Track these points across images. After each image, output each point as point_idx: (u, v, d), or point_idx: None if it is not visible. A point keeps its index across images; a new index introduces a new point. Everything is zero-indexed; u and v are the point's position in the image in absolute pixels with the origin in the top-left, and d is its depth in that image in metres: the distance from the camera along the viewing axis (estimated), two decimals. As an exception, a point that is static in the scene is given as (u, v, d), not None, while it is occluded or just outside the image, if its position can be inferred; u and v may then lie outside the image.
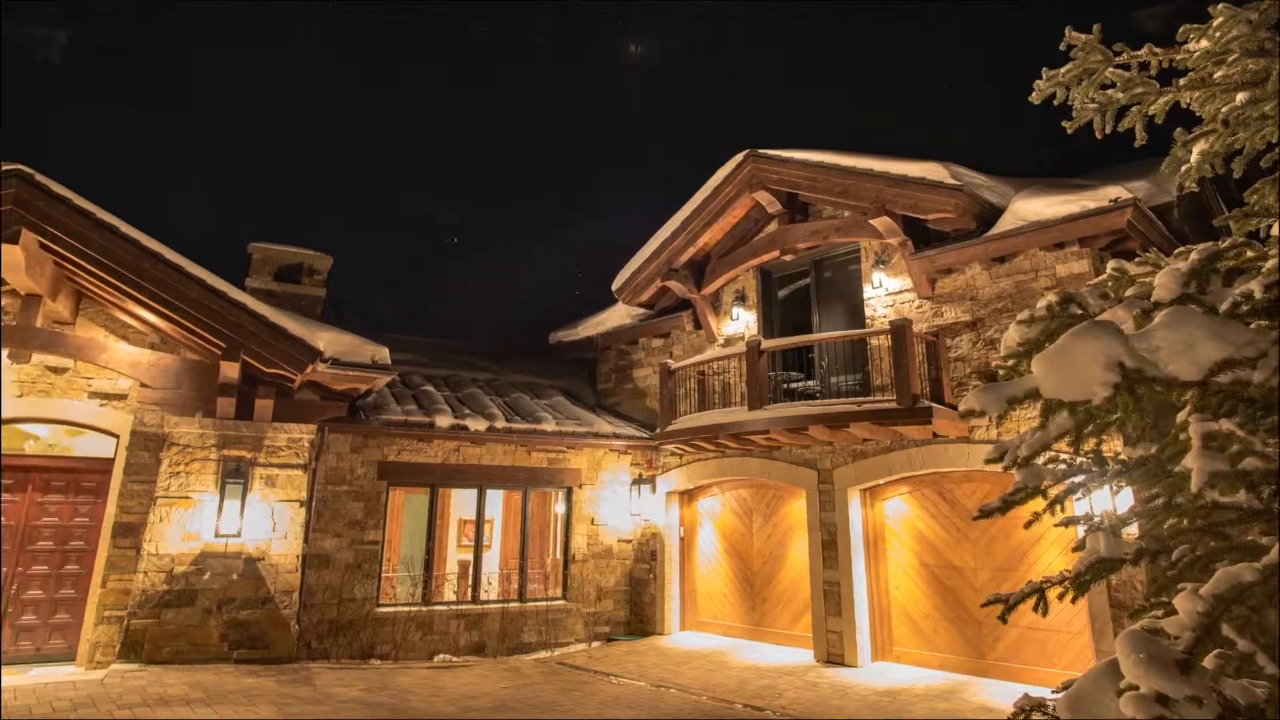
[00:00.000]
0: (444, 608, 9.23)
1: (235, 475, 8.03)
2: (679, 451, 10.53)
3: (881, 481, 8.66)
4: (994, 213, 8.38)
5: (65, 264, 7.83)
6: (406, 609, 9.00)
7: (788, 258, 10.30)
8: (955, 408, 7.96)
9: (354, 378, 8.77)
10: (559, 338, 12.89)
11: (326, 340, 8.72)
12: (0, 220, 7.15)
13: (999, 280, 8.21)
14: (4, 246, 7.12)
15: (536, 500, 10.47)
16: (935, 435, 8.08)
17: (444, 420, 9.44)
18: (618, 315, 12.29)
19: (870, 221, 8.92)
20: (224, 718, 5.82)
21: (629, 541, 10.71)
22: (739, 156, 10.28)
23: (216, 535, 7.80)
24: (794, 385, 9.78)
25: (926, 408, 7.70)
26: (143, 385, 8.30)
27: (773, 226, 10.51)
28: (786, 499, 9.69)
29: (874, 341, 8.88)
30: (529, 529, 10.09)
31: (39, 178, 7.38)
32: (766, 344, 9.26)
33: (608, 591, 10.32)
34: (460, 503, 11.16)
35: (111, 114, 35.06)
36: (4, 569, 7.75)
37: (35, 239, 7.37)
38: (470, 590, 9.58)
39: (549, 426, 10.10)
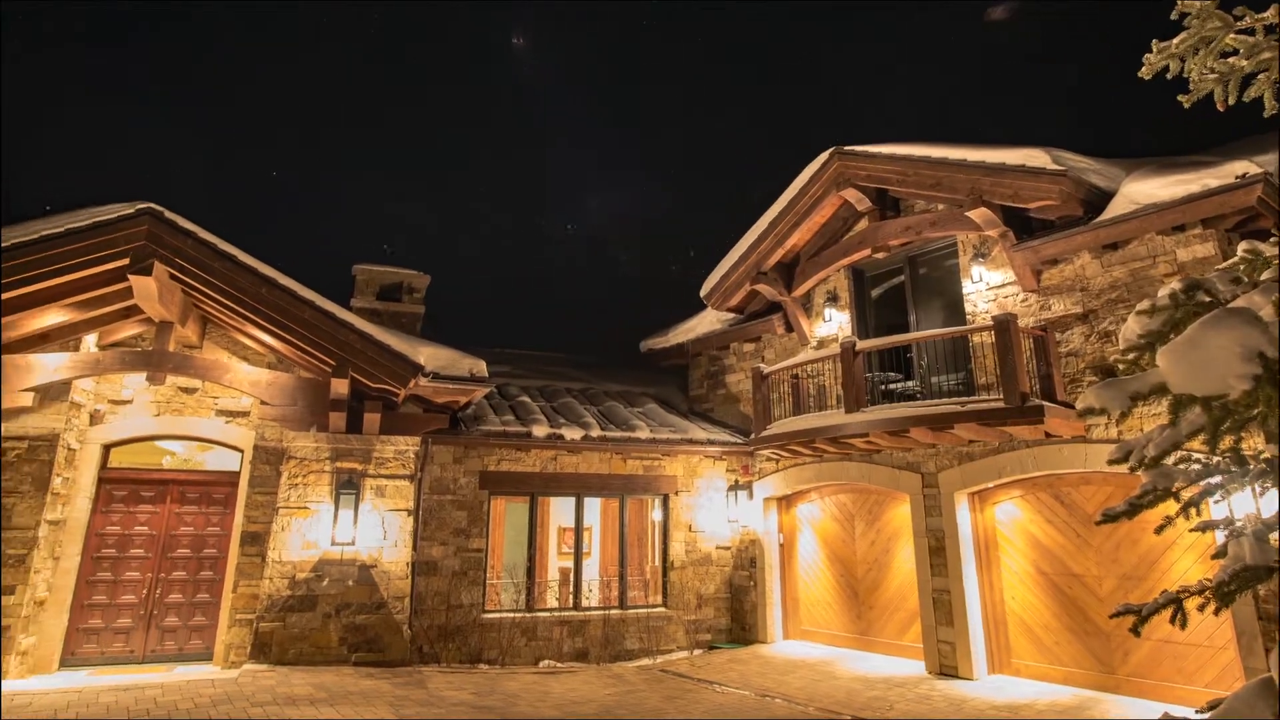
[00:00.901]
0: (547, 614, 9.44)
1: (348, 486, 8.48)
2: (775, 457, 10.38)
3: (990, 485, 8.25)
4: (1102, 197, 7.86)
5: (192, 292, 8.46)
6: (511, 615, 9.26)
7: (880, 255, 10.00)
8: (1069, 406, 7.51)
9: (453, 390, 9.09)
10: (649, 345, 12.97)
11: (426, 355, 9.08)
12: (135, 254, 7.82)
13: (1112, 269, 7.68)
14: (140, 279, 7.77)
15: (633, 507, 10.56)
16: (1048, 435, 7.63)
17: (540, 430, 9.67)
18: (707, 321, 12.26)
19: (966, 214, 8.53)
20: (346, 717, 6.13)
21: (727, 548, 10.62)
22: (824, 155, 10.07)
23: (333, 543, 8.25)
24: (893, 386, 9.46)
25: (1037, 406, 7.28)
26: (262, 403, 8.87)
27: (863, 224, 10.23)
28: (889, 504, 9.38)
29: (976, 338, 8.48)
30: (627, 536, 10.18)
31: (168, 214, 7.97)
32: (862, 345, 8.99)
33: (708, 599, 10.26)
34: (559, 511, 11.39)
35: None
36: (149, 575, 8.49)
37: (166, 270, 7.95)
38: (571, 597, 9.76)
39: (643, 434, 10.17)
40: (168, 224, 7.94)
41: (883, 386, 9.54)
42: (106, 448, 8.80)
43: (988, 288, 8.76)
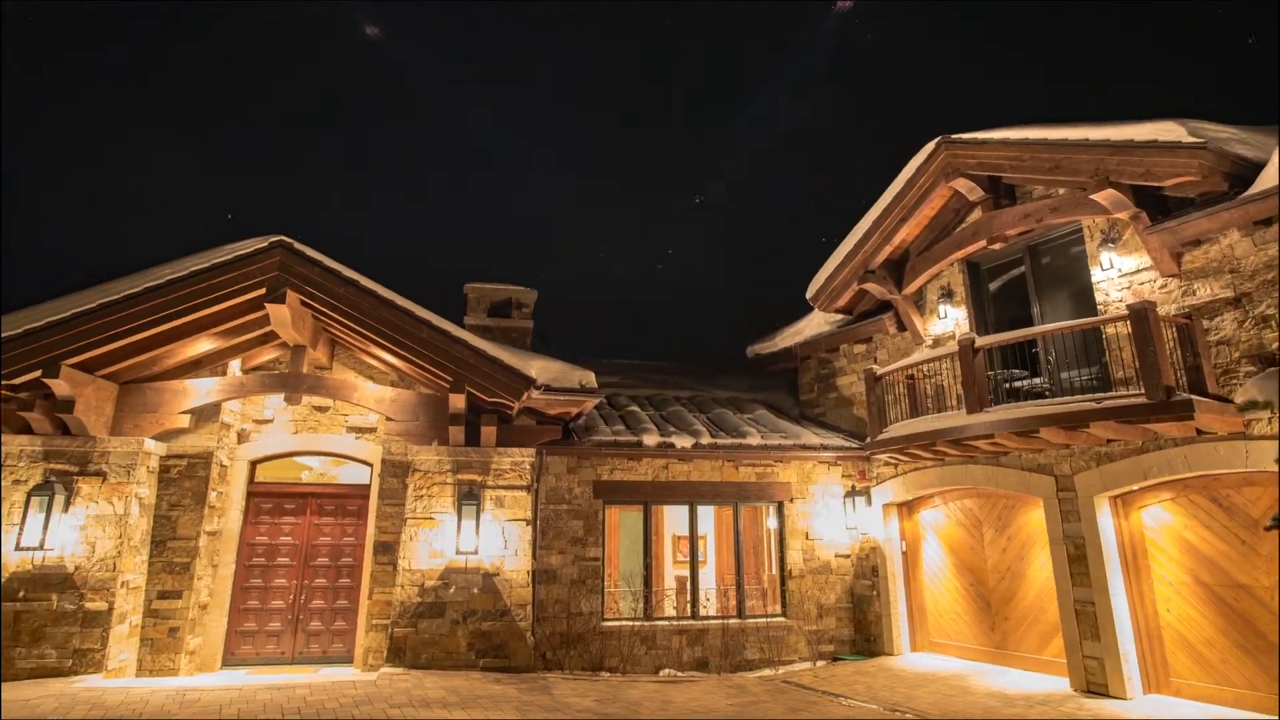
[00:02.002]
0: (665, 623, 9.45)
1: (469, 497, 8.79)
2: (893, 461, 10.03)
3: (1135, 487, 7.64)
4: (1250, 169, 7.15)
5: (321, 317, 8.99)
6: (630, 624, 9.33)
7: (996, 246, 9.50)
8: (1224, 400, 6.88)
9: (564, 402, 9.28)
10: (756, 350, 12.83)
11: (537, 368, 9.31)
12: (270, 284, 8.39)
13: (1267, 246, 6.98)
14: (275, 306, 8.34)
15: (747, 515, 10.44)
16: (1200, 432, 7.01)
17: (651, 439, 9.73)
18: (814, 323, 12.01)
19: (1092, 197, 7.99)
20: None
21: (846, 556, 10.32)
22: (930, 145, 9.69)
23: (457, 552, 8.57)
24: (1018, 384, 8.94)
25: (1184, 401, 6.69)
26: (387, 419, 9.33)
27: (976, 215, 9.76)
28: (1020, 508, 8.86)
29: (1110, 330, 7.91)
30: (742, 544, 10.07)
31: (297, 245, 8.52)
32: (981, 341, 8.56)
33: (829, 609, 10.00)
34: (673, 519, 11.40)
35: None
36: (294, 582, 9.10)
37: (297, 297, 8.47)
38: (689, 606, 9.73)
39: (754, 440, 10.06)
40: (297, 254, 8.48)
41: (1007, 385, 9.04)
42: (253, 464, 9.51)
43: (1120, 275, 8.17)
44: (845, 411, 11.42)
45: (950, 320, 10.03)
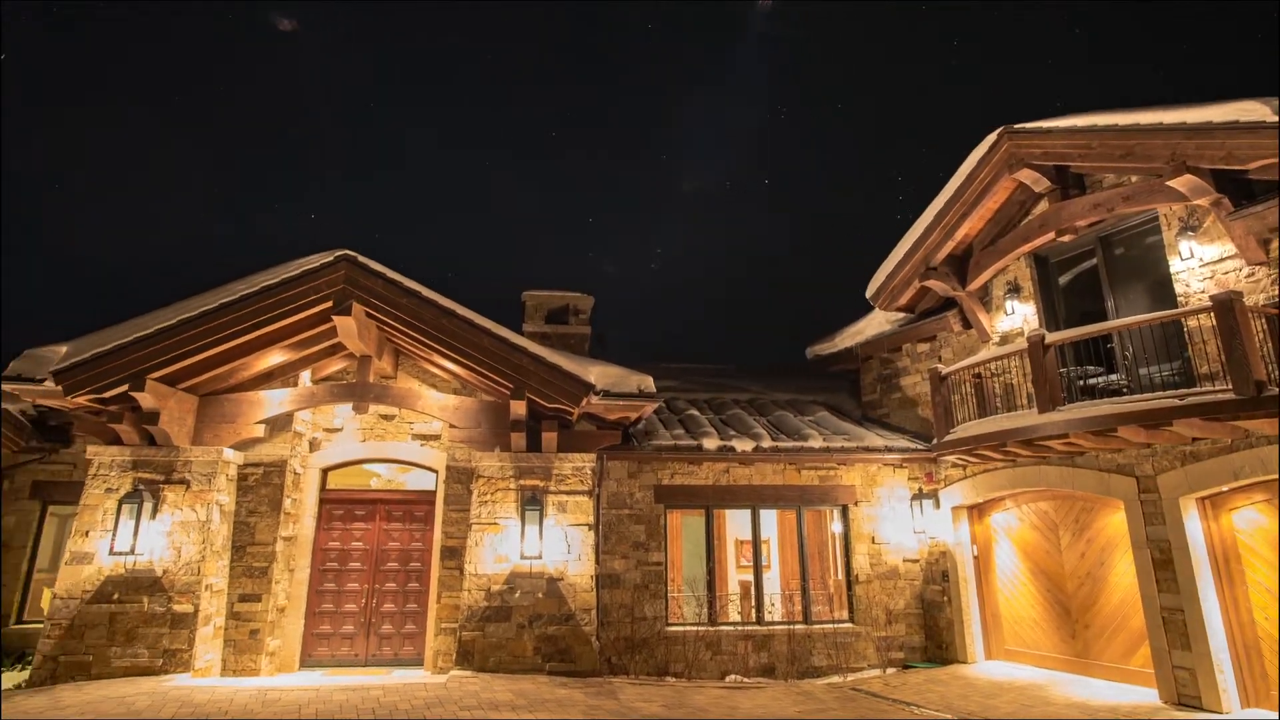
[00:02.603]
0: (730, 628, 9.37)
1: (532, 503, 8.88)
2: (961, 463, 9.75)
3: (1225, 489, 7.25)
4: (1345, 146, 6.74)
5: (385, 327, 9.22)
6: (694, 629, 9.28)
7: (1065, 238, 9.17)
8: (1324, 393, 6.47)
9: (623, 407, 9.30)
10: (815, 351, 12.64)
11: (596, 374, 9.36)
12: (336, 297, 8.64)
13: (1365, 230, 6.57)
14: (342, 318, 8.58)
15: (811, 519, 10.29)
16: (1297, 428, 6.62)
17: (711, 443, 9.69)
18: (875, 323, 11.78)
19: (1168, 184, 7.63)
20: (547, 724, 6.38)
21: (915, 561, 10.06)
22: (991, 136, 9.41)
23: (522, 557, 8.66)
24: (1092, 381, 8.60)
25: (1276, 396, 6.33)
26: (451, 426, 9.50)
27: (1042, 206, 9.45)
28: (1099, 511, 8.50)
29: (1192, 323, 7.54)
30: (806, 549, 9.92)
31: (361, 258, 8.74)
32: (1051, 337, 8.26)
33: (897, 614, 9.76)
34: (735, 523, 11.28)
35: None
36: (366, 586, 9.35)
37: (362, 309, 8.68)
38: (754, 611, 9.62)
39: (815, 443, 9.91)
40: (361, 267, 8.71)
41: (1080, 382, 8.70)
42: (324, 471, 9.81)
43: (1201, 264, 7.79)
44: (910, 412, 11.16)
45: (1018, 316, 9.72)
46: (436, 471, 9.85)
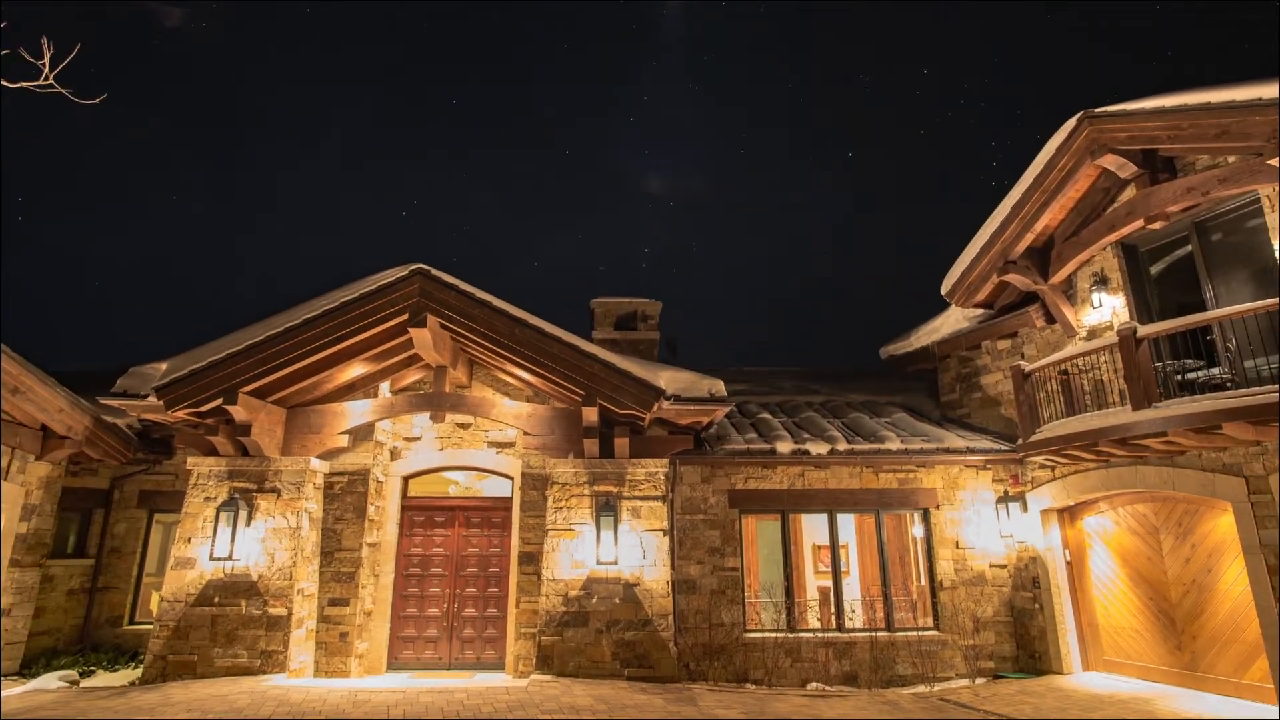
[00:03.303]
0: (810, 635, 9.19)
1: (606, 508, 8.93)
2: (1049, 464, 9.34)
3: (1348, 486, 6.73)
4: None
5: (459, 338, 9.42)
6: (773, 635, 9.14)
7: (1156, 225, 8.70)
8: None
9: (695, 411, 9.27)
10: (890, 351, 12.34)
11: (666, 379, 9.36)
12: (412, 310, 8.88)
13: None
14: (417, 330, 8.82)
15: (890, 523, 10.02)
16: None
17: (784, 446, 9.55)
18: (952, 320, 11.42)
19: (1269, 163, 7.17)
20: (630, 729, 6.37)
21: (1002, 566, 9.67)
22: (1070, 122, 9.02)
23: (598, 563, 8.71)
24: (1192, 376, 8.11)
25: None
26: (525, 434, 9.64)
27: (1129, 192, 9.00)
28: (1204, 514, 7.99)
29: (1305, 310, 7.04)
30: (887, 554, 9.66)
31: (434, 272, 8.94)
32: (1144, 330, 7.85)
33: (985, 622, 9.39)
34: (811, 528, 11.07)
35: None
36: (448, 590, 9.56)
37: (437, 321, 8.89)
38: (833, 618, 9.42)
39: (893, 445, 9.65)
40: (435, 280, 8.93)
41: (1178, 377, 8.22)
42: (405, 479, 10.10)
43: (1313, 247, 7.28)
44: (992, 412, 10.76)
45: (1106, 309, 9.26)
46: (512, 478, 10.01)
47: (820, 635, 9.22)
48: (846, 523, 10.31)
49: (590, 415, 9.05)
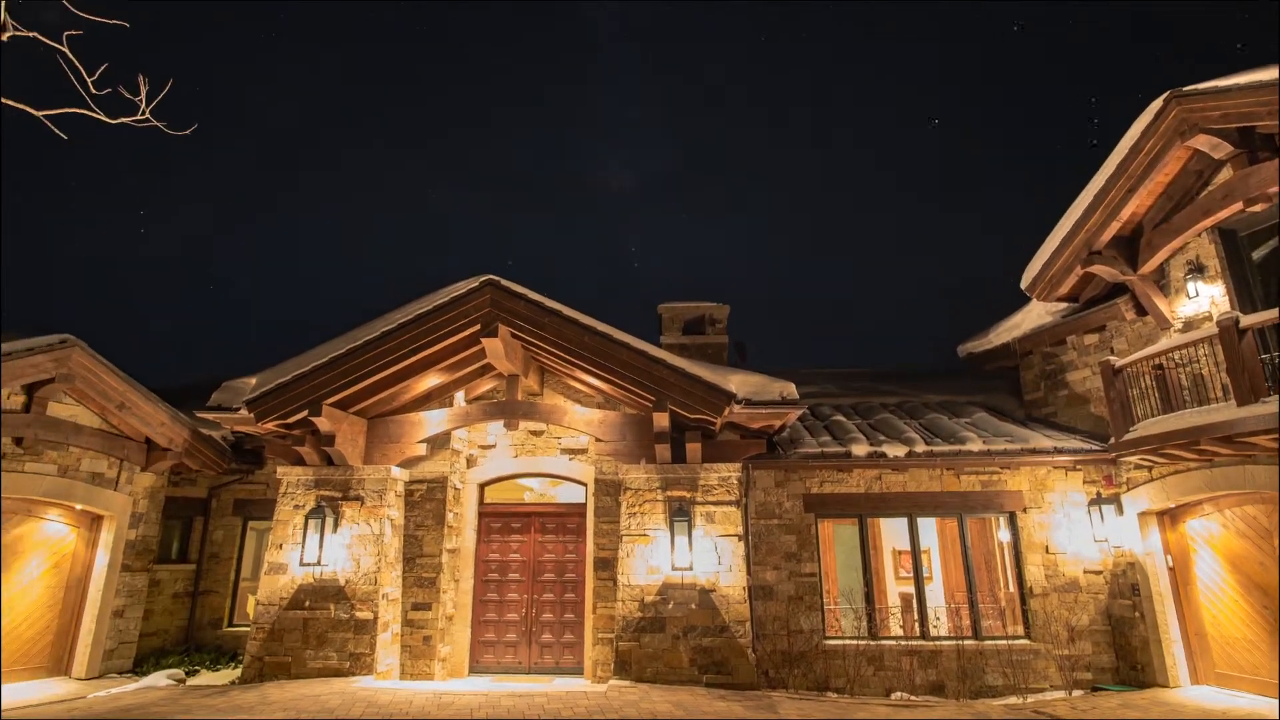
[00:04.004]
0: (892, 642, 8.93)
1: (679, 514, 8.91)
2: (1145, 463, 8.85)
3: None
4: None
5: (530, 346, 9.55)
6: (854, 642, 8.91)
7: (1257, 208, 8.16)
8: None
9: (766, 415, 9.15)
10: (967, 350, 11.93)
11: (736, 383, 9.28)
12: (483, 320, 9.05)
13: None
14: (489, 340, 8.99)
15: (974, 528, 9.65)
16: None
17: (860, 449, 9.34)
18: (1034, 315, 10.97)
19: (1388, 135, 6.66)
20: (711, 735, 6.31)
21: (1097, 572, 9.19)
22: (1157, 103, 8.57)
23: (673, 569, 8.69)
24: (1304, 367, 7.59)
25: None
26: (597, 440, 9.70)
27: (1225, 174, 8.48)
28: (1324, 514, 7.43)
29: None
30: (971, 559, 9.31)
31: (504, 282, 9.08)
32: (1247, 320, 7.36)
33: (1081, 631, 8.93)
34: (890, 532, 10.79)
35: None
36: (525, 596, 9.70)
37: (508, 330, 9.03)
38: (917, 625, 9.13)
39: (974, 446, 9.32)
40: (504, 290, 9.09)
41: (1289, 369, 7.70)
42: (481, 486, 10.32)
43: None
44: (1079, 410, 10.28)
45: (1203, 299, 8.75)
46: (585, 485, 10.10)
47: (903, 643, 8.94)
48: (927, 527, 9.99)
49: (661, 420, 9.05)
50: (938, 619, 9.19)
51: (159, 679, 8.93)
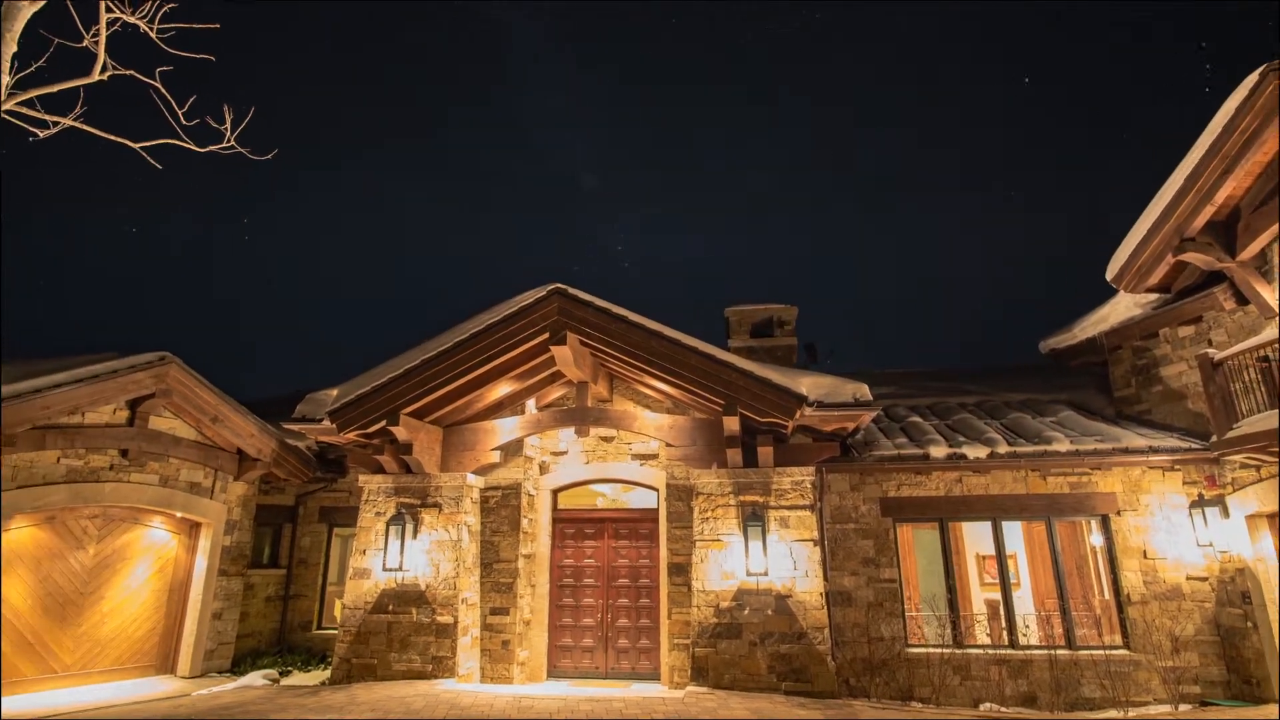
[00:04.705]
0: (979, 651, 8.60)
1: (753, 519, 8.81)
2: (1252, 462, 8.28)
3: None
4: None
5: (598, 353, 9.62)
6: (938, 651, 8.62)
7: (1371, 186, 7.58)
8: None
9: (839, 417, 8.97)
10: (1050, 345, 11.42)
11: (807, 385, 9.12)
12: (552, 328, 9.14)
13: None
14: (558, 348, 9.08)
15: (1064, 531, 9.22)
16: None
17: (938, 450, 9.06)
18: (1122, 307, 10.42)
19: None
20: (793, 744, 6.21)
21: (1202, 579, 8.64)
22: (1253, 77, 8.00)
23: (747, 574, 8.59)
24: None
25: None
26: (667, 445, 9.67)
27: (1335, 151, 7.89)
28: None
29: None
30: (1061, 564, 8.89)
31: (571, 290, 9.15)
32: (1369, 305, 6.83)
33: (1186, 641, 8.41)
34: (973, 537, 10.40)
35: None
36: (600, 601, 9.77)
37: (576, 338, 9.10)
38: (1005, 633, 8.77)
39: (1061, 446, 8.91)
40: (571, 298, 9.15)
41: None
42: (554, 492, 10.46)
43: None
44: (1175, 407, 9.71)
45: (1313, 285, 8.16)
46: (657, 490, 10.11)
47: (991, 652, 8.59)
48: (1012, 530, 9.58)
49: (731, 425, 8.98)
50: (1027, 627, 8.80)
51: (255, 679, 9.35)
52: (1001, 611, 8.91)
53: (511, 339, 9.11)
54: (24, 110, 4.46)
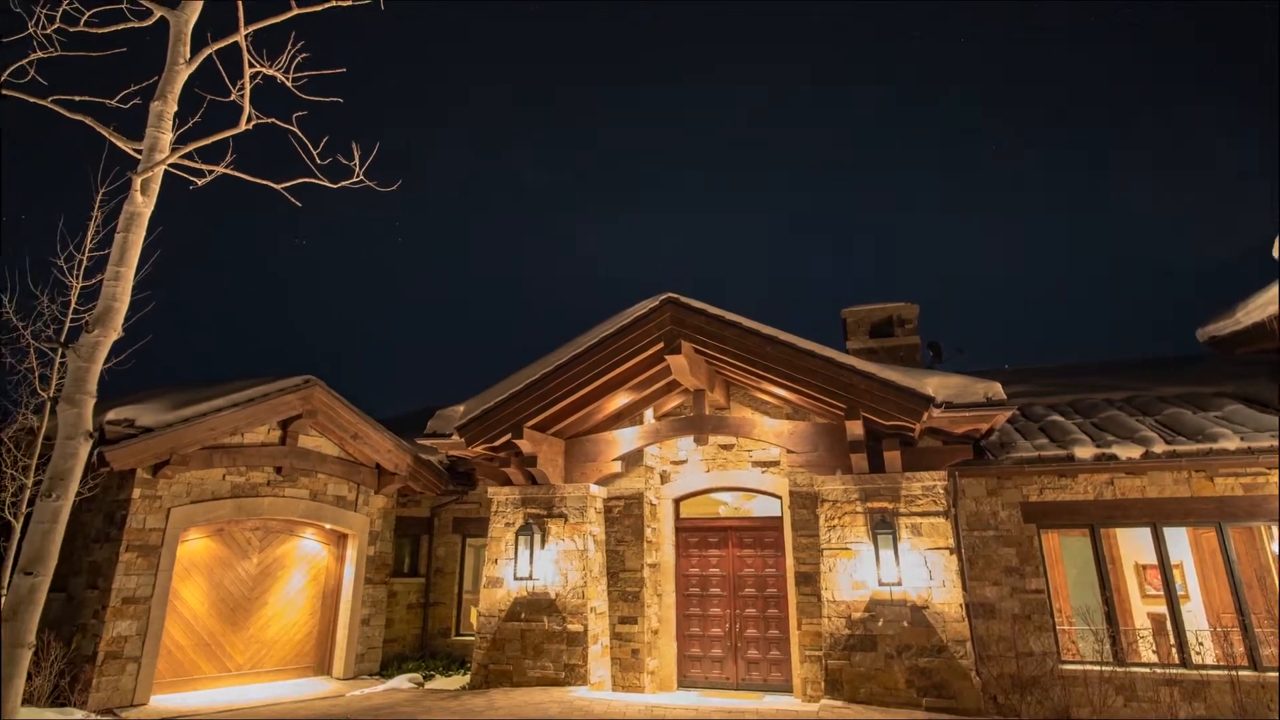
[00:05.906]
0: (1144, 670, 7.87)
1: (882, 526, 8.48)
2: None
3: None
4: None
5: (713, 361, 9.54)
6: (1096, 668, 7.95)
7: None
8: None
9: (971, 418, 8.50)
10: (1209, 333, 10.40)
11: (933, 385, 8.70)
12: (666, 338, 9.15)
13: None
14: (673, 357, 9.07)
15: (1238, 538, 8.31)
16: None
17: (1084, 451, 8.40)
18: (1296, 288, 9.36)
19: None
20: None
21: None
22: None
23: (879, 584, 8.28)
24: None
25: None
26: (788, 451, 9.49)
27: None
28: None
29: None
30: (1238, 575, 8.02)
31: (683, 299, 9.14)
32: None
33: (1397, 661, 7.42)
34: (1130, 544, 9.54)
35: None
36: (728, 610, 9.70)
37: (690, 346, 9.07)
38: (1174, 651, 7.99)
39: (1230, 444, 8.04)
40: (684, 306, 9.14)
41: None
42: (676, 501, 10.49)
43: None
44: (1371, 396, 8.58)
45: None
46: (779, 497, 9.94)
47: (1159, 671, 7.84)
48: (1176, 538, 8.72)
49: (854, 429, 8.70)
50: (1200, 644, 7.97)
51: (401, 682, 9.91)
52: (1169, 626, 8.13)
53: (626, 350, 9.22)
54: (185, 163, 4.93)
